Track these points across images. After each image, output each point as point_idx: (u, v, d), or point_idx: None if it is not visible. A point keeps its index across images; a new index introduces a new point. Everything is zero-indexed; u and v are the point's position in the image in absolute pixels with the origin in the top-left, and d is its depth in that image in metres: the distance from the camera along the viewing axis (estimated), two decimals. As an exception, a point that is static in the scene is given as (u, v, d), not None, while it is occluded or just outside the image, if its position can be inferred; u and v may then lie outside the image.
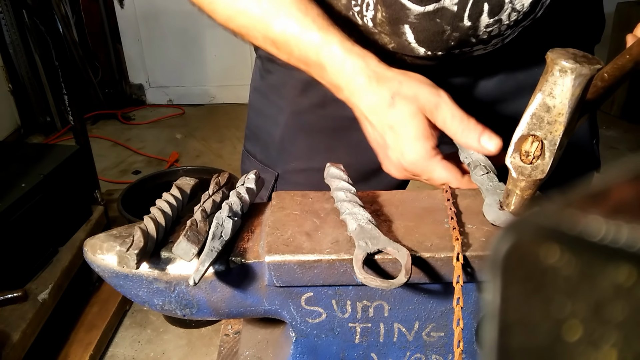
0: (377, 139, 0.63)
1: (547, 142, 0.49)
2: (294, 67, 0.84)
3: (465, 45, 0.66)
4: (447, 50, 0.67)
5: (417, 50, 0.67)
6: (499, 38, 0.67)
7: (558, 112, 0.47)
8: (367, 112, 0.61)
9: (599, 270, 0.15)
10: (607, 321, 0.15)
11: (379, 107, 0.60)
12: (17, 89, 3.13)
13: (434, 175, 0.60)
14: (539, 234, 0.16)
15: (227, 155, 3.14)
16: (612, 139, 3.19)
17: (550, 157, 0.49)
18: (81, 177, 1.95)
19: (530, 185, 0.51)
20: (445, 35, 0.64)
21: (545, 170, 0.50)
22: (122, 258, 0.49)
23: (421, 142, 0.59)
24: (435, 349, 0.56)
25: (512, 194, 0.53)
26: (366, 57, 0.61)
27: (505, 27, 0.64)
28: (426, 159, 0.60)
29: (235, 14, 0.65)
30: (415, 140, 0.59)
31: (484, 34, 0.64)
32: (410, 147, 0.59)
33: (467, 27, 0.63)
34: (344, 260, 0.49)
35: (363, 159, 0.83)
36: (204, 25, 3.64)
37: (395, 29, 0.65)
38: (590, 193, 0.16)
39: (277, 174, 0.87)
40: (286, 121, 0.85)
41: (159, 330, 1.93)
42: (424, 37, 0.65)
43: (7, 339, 1.41)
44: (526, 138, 0.50)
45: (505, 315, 0.17)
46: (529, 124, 0.50)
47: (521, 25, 0.66)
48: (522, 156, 0.51)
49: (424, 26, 0.63)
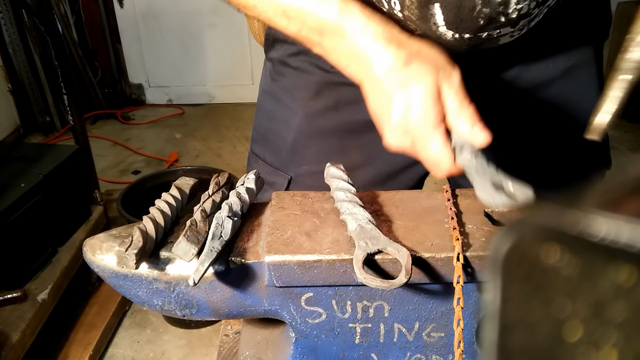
0: (383, 101, 0.61)
1: None
2: (307, 70, 0.83)
3: (494, 25, 0.65)
4: (474, 32, 0.66)
5: (444, 35, 0.66)
6: (526, 19, 0.66)
7: None
8: (379, 72, 0.59)
9: (599, 271, 0.15)
10: (607, 321, 0.15)
11: (393, 66, 0.58)
12: (17, 88, 3.13)
13: (430, 146, 0.58)
14: (540, 234, 0.16)
15: (227, 155, 3.14)
16: (612, 138, 3.17)
17: None
18: (80, 177, 1.95)
19: None
20: (476, 12, 0.63)
21: None
22: (121, 258, 0.49)
23: (431, 102, 0.57)
24: (435, 349, 0.56)
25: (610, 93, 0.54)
26: (388, 24, 0.60)
27: (535, 4, 0.64)
28: (430, 124, 0.58)
29: None
30: (425, 99, 0.57)
31: (513, 11, 0.64)
32: (417, 106, 0.57)
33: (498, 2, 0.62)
34: (344, 260, 0.49)
35: (377, 162, 0.82)
36: (204, 25, 3.64)
37: (425, 12, 0.64)
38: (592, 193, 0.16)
39: (289, 178, 0.87)
40: (299, 124, 0.84)
41: (159, 330, 1.93)
42: (453, 16, 0.64)
43: (6, 339, 1.41)
44: None
45: (506, 315, 0.17)
46: None
47: (547, 4, 0.66)
48: None
49: (456, 2, 0.62)
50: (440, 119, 0.58)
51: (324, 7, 0.60)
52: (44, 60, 3.07)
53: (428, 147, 0.58)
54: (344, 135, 0.84)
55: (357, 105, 0.81)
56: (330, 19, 0.60)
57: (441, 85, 0.58)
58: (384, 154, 0.66)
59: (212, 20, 3.60)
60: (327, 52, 0.63)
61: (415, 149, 0.60)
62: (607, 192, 0.16)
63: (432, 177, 0.70)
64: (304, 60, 0.82)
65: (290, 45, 0.82)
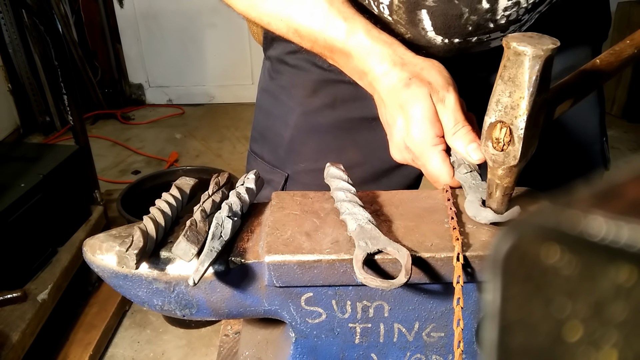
0: (388, 119, 0.64)
1: (514, 127, 0.49)
2: (304, 68, 0.84)
3: (483, 31, 0.66)
4: (464, 37, 0.67)
5: (433, 40, 0.67)
6: (517, 25, 0.67)
7: (519, 96, 0.48)
8: (383, 92, 0.63)
9: (599, 271, 0.15)
10: (607, 321, 0.15)
11: (395, 87, 0.61)
12: (17, 88, 3.13)
13: (429, 163, 0.61)
14: (540, 234, 0.16)
15: (227, 155, 3.14)
16: (612, 138, 3.18)
17: (519, 142, 0.49)
18: (80, 177, 1.95)
19: (507, 172, 0.52)
20: (463, 19, 0.64)
21: (517, 155, 0.50)
22: (121, 258, 0.49)
23: (427, 125, 0.60)
24: (435, 349, 0.56)
25: (492, 184, 0.53)
26: (393, 44, 0.63)
27: (523, 11, 0.65)
28: (428, 144, 0.60)
29: (260, 2, 0.66)
30: (422, 121, 0.60)
31: (502, 18, 0.64)
32: (415, 127, 0.60)
33: (485, 9, 0.63)
34: (344, 260, 0.49)
35: (373, 159, 0.83)
36: (204, 25, 3.64)
37: (412, 16, 0.65)
38: (593, 193, 0.16)
39: (286, 175, 0.87)
40: (296, 122, 0.85)
41: (159, 330, 1.93)
42: (441, 22, 0.65)
43: (6, 339, 1.41)
44: (495, 125, 0.50)
45: (506, 315, 0.17)
46: (494, 110, 0.50)
47: (538, 10, 0.66)
48: (494, 144, 0.51)
49: (442, 10, 0.64)
50: (438, 138, 0.61)
51: (331, 29, 0.63)
52: (44, 60, 3.07)
53: (427, 164, 0.61)
54: (340, 133, 0.84)
55: (354, 102, 0.81)
56: (338, 40, 0.63)
57: (437, 107, 0.61)
58: (380, 152, 0.67)
59: (212, 20, 3.60)
60: (339, 67, 0.66)
61: (417, 164, 0.64)
62: (606, 192, 0.16)
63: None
64: (301, 58, 0.83)
65: (288, 43, 0.83)
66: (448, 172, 0.60)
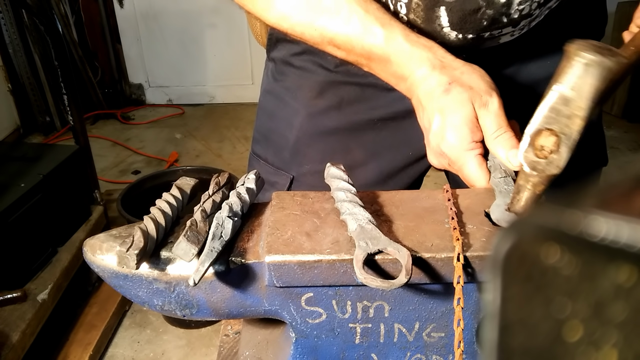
0: (425, 123, 0.64)
1: (565, 136, 0.47)
2: (310, 69, 0.83)
3: (496, 25, 0.67)
4: (477, 33, 0.67)
5: (447, 35, 0.68)
6: (528, 19, 0.67)
7: (578, 105, 0.46)
8: (422, 96, 0.63)
9: (599, 271, 0.15)
10: (607, 321, 0.15)
11: (434, 91, 0.61)
12: (17, 88, 3.13)
13: (465, 168, 0.61)
14: (540, 234, 0.16)
15: (227, 155, 3.14)
16: (612, 138, 3.19)
17: (566, 152, 0.48)
18: (80, 177, 1.95)
19: (543, 180, 0.50)
20: (480, 14, 0.65)
21: (561, 165, 0.48)
22: (121, 258, 0.49)
23: (464, 131, 0.60)
24: (435, 349, 0.56)
25: (522, 189, 0.52)
26: (433, 47, 0.63)
27: (536, 6, 0.65)
28: (464, 149, 0.60)
29: (292, 12, 0.66)
30: (459, 127, 0.60)
31: (515, 12, 0.65)
32: (452, 133, 0.60)
33: (501, 3, 0.64)
34: (344, 260, 0.49)
35: (379, 161, 0.83)
36: (204, 25, 3.64)
37: (430, 13, 0.66)
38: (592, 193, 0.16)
39: (291, 177, 0.87)
40: (301, 123, 0.84)
41: (159, 330, 1.93)
42: (458, 18, 0.65)
43: (6, 339, 1.41)
44: (541, 132, 0.48)
45: (506, 315, 0.17)
46: (546, 117, 0.48)
47: (548, 5, 0.66)
48: (537, 150, 0.49)
49: (461, 5, 0.64)
50: (475, 143, 0.61)
51: (369, 36, 0.63)
52: (44, 60, 3.07)
53: (464, 168, 0.62)
54: (346, 135, 0.84)
55: (360, 104, 0.81)
56: (376, 46, 0.63)
57: (479, 112, 0.60)
58: (386, 153, 0.67)
59: (212, 20, 3.60)
60: (376, 73, 0.66)
61: (454, 169, 0.64)
62: (606, 192, 0.16)
63: (432, 177, 0.71)
64: (307, 60, 0.82)
65: (294, 44, 0.83)
66: (484, 176, 0.60)
